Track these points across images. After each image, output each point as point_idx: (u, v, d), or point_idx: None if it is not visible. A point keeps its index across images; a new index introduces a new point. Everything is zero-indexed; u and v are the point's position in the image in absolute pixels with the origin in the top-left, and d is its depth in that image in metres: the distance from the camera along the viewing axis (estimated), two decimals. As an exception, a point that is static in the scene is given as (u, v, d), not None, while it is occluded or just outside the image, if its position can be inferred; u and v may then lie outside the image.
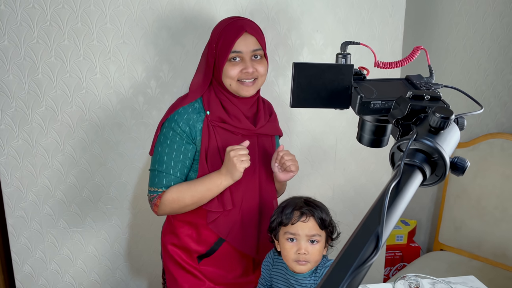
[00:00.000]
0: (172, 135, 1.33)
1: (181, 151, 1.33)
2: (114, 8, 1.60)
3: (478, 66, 2.31)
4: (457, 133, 0.57)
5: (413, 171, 0.51)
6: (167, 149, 1.33)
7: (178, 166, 1.33)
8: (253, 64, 1.30)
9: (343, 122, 1.89)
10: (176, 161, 1.33)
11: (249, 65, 1.29)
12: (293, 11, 1.72)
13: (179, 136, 1.32)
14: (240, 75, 1.30)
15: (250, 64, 1.29)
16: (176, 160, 1.33)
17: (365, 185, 1.99)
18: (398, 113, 0.60)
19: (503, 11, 2.25)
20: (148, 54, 1.67)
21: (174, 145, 1.33)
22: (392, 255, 2.37)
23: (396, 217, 0.46)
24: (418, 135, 0.53)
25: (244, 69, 1.29)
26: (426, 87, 0.65)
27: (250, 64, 1.29)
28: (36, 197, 1.75)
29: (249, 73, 1.29)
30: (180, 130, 1.32)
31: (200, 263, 1.42)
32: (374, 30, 1.81)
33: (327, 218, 1.28)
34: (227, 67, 1.29)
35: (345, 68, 0.66)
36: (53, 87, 1.65)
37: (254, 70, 1.30)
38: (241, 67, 1.29)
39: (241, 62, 1.29)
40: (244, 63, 1.29)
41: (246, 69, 1.29)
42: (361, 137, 0.70)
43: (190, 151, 1.34)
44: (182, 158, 1.34)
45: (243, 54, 1.29)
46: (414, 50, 0.73)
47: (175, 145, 1.33)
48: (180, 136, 1.32)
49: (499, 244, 2.12)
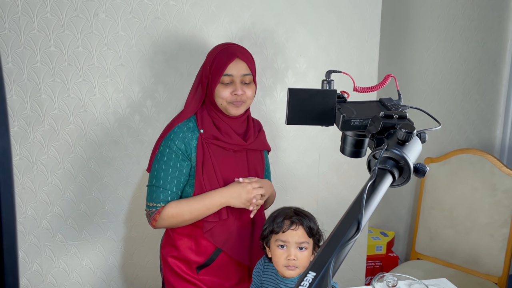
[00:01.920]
0: (168, 153, 1.43)
1: (177, 168, 1.43)
2: (113, 34, 1.72)
3: (447, 87, 2.50)
4: (419, 145, 0.71)
5: (385, 174, 0.65)
6: (164, 165, 1.43)
7: (174, 181, 1.43)
8: (242, 87, 1.42)
9: (325, 139, 2.03)
10: (172, 177, 1.43)
11: (239, 87, 1.41)
12: (278, 37, 1.87)
13: (174, 153, 1.42)
14: (230, 97, 1.41)
15: (240, 87, 1.41)
16: (172, 176, 1.43)
17: (347, 198, 2.12)
18: (373, 129, 0.75)
19: (469, 37, 2.46)
20: (144, 76, 1.79)
21: (170, 162, 1.43)
22: (373, 264, 2.49)
23: (372, 207, 0.60)
24: (388, 146, 0.67)
25: (234, 91, 1.40)
26: (395, 108, 0.80)
27: (239, 87, 1.41)
28: (35, 212, 1.82)
29: (238, 95, 1.41)
30: (175, 148, 1.42)
31: (199, 273, 1.50)
32: (352, 55, 1.97)
33: (314, 227, 1.40)
34: (219, 88, 1.41)
35: (330, 93, 0.81)
36: (54, 107, 1.75)
37: (243, 93, 1.41)
38: (231, 89, 1.41)
39: (232, 85, 1.41)
40: (234, 86, 1.41)
41: (235, 91, 1.40)
42: (344, 149, 0.84)
43: (185, 167, 1.44)
44: (177, 174, 1.43)
45: (234, 78, 1.41)
46: (386, 77, 0.88)
47: (171, 162, 1.43)
48: (176, 154, 1.42)
49: (470, 252, 2.26)
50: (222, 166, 1.46)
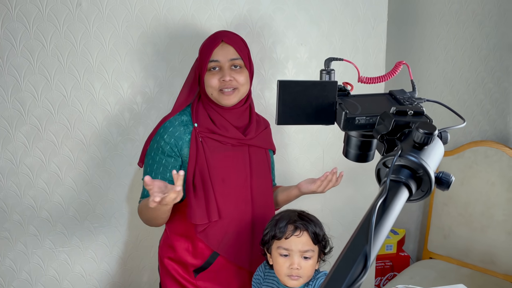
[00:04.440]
0: (156, 148, 1.38)
1: (162, 164, 1.36)
2: (98, 25, 1.60)
3: (460, 76, 2.36)
4: (441, 147, 0.57)
5: (399, 187, 0.52)
6: (151, 161, 1.38)
7: (158, 177, 1.35)
8: (231, 73, 1.33)
9: (330, 134, 1.90)
10: (156, 172, 1.36)
11: (227, 73, 1.32)
12: (277, 25, 1.74)
13: (161, 149, 1.36)
14: (219, 85, 1.33)
15: (228, 73, 1.32)
16: (156, 172, 1.36)
17: (353, 196, 2.00)
18: (382, 128, 0.61)
19: (482, 22, 2.30)
20: (133, 70, 1.66)
21: (156, 158, 1.37)
22: (382, 264, 2.37)
23: (384, 235, 0.46)
24: (402, 151, 0.54)
25: (222, 77, 1.32)
26: (409, 102, 0.66)
27: (227, 73, 1.32)
28: (21, 217, 1.71)
29: (226, 81, 1.31)
30: (163, 143, 1.36)
31: (196, 277, 1.41)
32: (357, 43, 1.83)
33: (320, 233, 1.28)
34: (207, 76, 1.34)
35: (329, 85, 0.67)
36: (37, 105, 1.63)
37: (231, 79, 1.32)
38: (219, 76, 1.33)
39: (220, 71, 1.33)
40: (222, 72, 1.32)
41: (223, 78, 1.31)
42: (347, 152, 0.71)
43: (171, 164, 1.36)
44: (162, 170, 1.36)
45: (221, 63, 1.33)
46: (397, 65, 0.74)
47: (157, 157, 1.37)
48: (162, 150, 1.36)
49: (487, 250, 2.14)
50: (218, 161, 1.38)
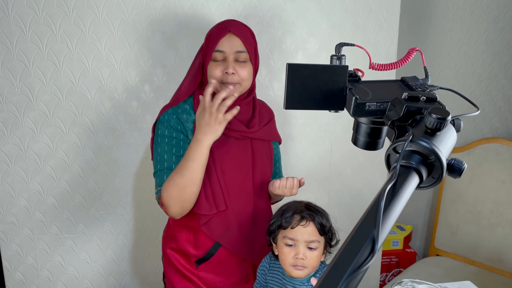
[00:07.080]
0: (166, 132, 1.31)
1: (176, 144, 1.31)
2: (107, 12, 1.59)
3: (472, 71, 2.32)
4: (454, 134, 0.55)
5: (410, 173, 0.50)
6: (165, 146, 1.31)
7: (178, 159, 1.29)
8: (235, 66, 1.28)
9: (338, 127, 1.88)
10: (175, 155, 1.30)
11: (230, 65, 1.27)
12: (287, 15, 1.71)
13: (171, 131, 1.31)
14: (222, 76, 1.28)
15: (232, 65, 1.27)
16: (175, 154, 1.30)
17: (361, 190, 1.98)
18: (393, 114, 0.59)
19: (497, 17, 2.26)
20: (142, 58, 1.65)
21: (168, 140, 1.31)
22: (388, 260, 2.35)
23: (392, 220, 0.45)
24: (414, 136, 0.52)
25: (225, 69, 1.27)
26: (421, 88, 0.64)
27: (231, 65, 1.27)
28: (28, 203, 1.72)
29: (229, 73, 1.27)
30: (171, 127, 1.31)
31: (198, 268, 1.40)
32: (368, 34, 1.80)
33: (327, 224, 1.27)
34: (210, 66, 1.29)
35: (340, 69, 0.65)
36: (46, 92, 1.63)
37: (234, 72, 1.27)
38: (223, 67, 1.28)
39: (224, 63, 1.29)
40: (226, 64, 1.28)
41: (226, 69, 1.27)
42: (356, 139, 0.69)
43: (185, 142, 1.31)
44: (178, 150, 1.30)
45: (226, 54, 1.28)
46: (410, 51, 0.72)
47: (169, 140, 1.31)
48: (174, 130, 1.31)
49: (495, 249, 2.11)
50: (222, 153, 1.34)
